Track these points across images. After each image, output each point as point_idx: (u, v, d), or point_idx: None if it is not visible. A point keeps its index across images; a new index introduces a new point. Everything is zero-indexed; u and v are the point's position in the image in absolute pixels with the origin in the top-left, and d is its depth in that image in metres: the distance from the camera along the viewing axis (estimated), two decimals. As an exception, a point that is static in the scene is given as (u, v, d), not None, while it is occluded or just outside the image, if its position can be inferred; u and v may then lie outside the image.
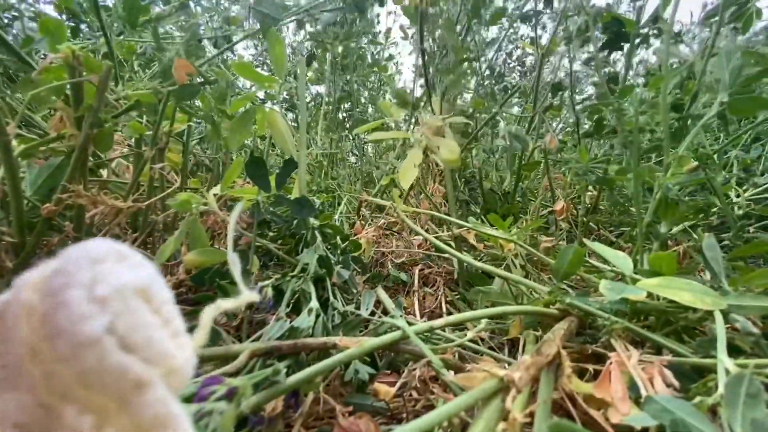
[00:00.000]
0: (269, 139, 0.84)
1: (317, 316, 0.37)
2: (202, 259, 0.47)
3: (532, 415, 0.27)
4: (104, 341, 0.11)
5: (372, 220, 0.85)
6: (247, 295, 0.16)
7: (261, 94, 1.05)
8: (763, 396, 0.19)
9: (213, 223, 0.58)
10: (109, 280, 0.12)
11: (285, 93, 1.34)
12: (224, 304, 0.15)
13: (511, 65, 1.81)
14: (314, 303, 0.38)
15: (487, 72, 1.10)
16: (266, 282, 0.41)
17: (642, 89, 0.49)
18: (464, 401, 0.25)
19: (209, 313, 0.15)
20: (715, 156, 0.69)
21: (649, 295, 0.41)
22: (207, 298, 0.49)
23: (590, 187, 0.80)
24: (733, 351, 0.34)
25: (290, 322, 0.37)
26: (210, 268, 0.48)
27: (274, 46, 0.50)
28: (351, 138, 1.35)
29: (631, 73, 0.74)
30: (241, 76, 0.56)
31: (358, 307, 0.43)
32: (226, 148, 0.73)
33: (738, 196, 0.69)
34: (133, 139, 0.63)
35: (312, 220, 0.53)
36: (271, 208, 0.53)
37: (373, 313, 0.44)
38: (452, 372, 0.37)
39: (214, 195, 0.51)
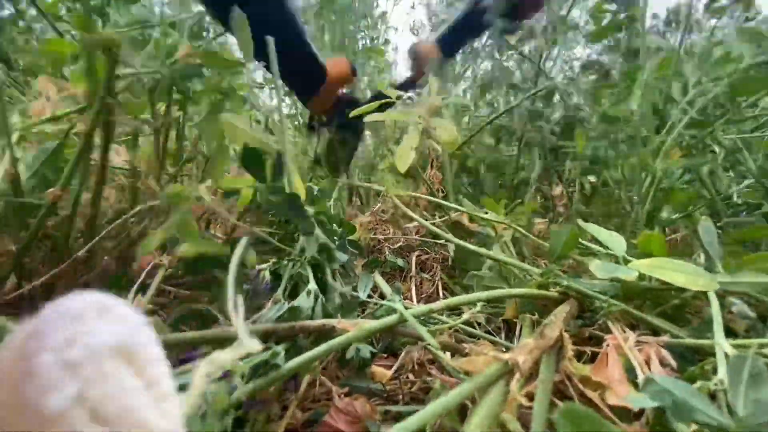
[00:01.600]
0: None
1: (316, 298, 0.36)
2: (197, 250, 0.46)
3: (528, 397, 0.27)
4: (71, 414, 0.10)
5: (370, 206, 0.84)
6: (248, 344, 0.14)
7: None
8: (767, 376, 0.19)
9: (204, 214, 0.57)
10: (85, 341, 0.11)
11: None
12: (220, 357, 0.13)
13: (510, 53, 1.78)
14: (312, 285, 0.37)
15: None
16: (263, 265, 0.40)
17: (649, 72, 0.48)
18: (469, 388, 0.24)
19: (202, 372, 0.13)
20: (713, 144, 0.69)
21: (643, 277, 0.41)
22: (207, 282, 0.48)
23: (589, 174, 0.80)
24: (728, 334, 0.34)
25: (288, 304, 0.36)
26: (204, 257, 0.47)
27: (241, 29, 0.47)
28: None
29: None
30: (206, 64, 0.52)
31: (355, 291, 0.43)
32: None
33: (741, 182, 0.69)
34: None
35: (308, 209, 0.52)
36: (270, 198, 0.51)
37: (370, 297, 0.44)
38: (449, 354, 0.37)
39: (207, 187, 0.49)
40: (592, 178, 0.76)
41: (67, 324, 0.12)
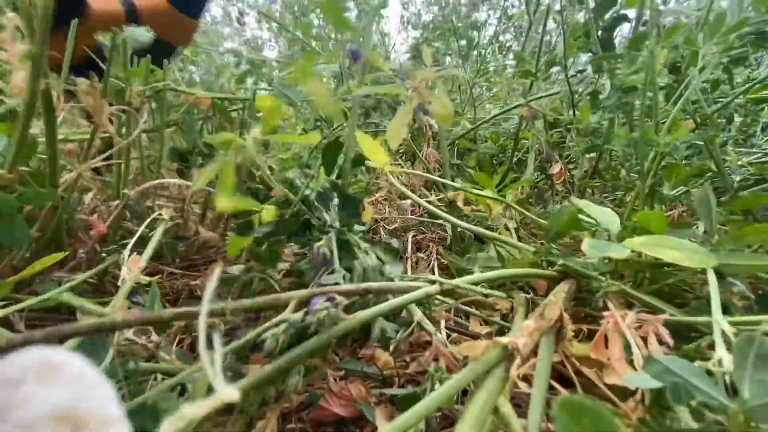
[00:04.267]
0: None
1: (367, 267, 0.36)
2: (233, 204, 0.45)
3: (524, 378, 0.27)
4: None
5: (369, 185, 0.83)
6: (225, 394, 0.12)
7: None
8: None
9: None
10: (19, 412, 0.10)
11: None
12: (190, 411, 0.12)
13: (506, 25, 1.74)
14: (371, 258, 0.37)
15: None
16: (320, 242, 0.39)
17: (654, 40, 0.46)
18: (469, 375, 0.24)
19: (170, 428, 0.12)
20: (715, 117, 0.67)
21: (640, 254, 0.40)
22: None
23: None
24: (726, 314, 0.33)
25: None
26: (250, 221, 0.45)
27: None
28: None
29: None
30: (325, 17, 0.48)
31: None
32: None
33: (749, 153, 0.68)
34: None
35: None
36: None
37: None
38: (444, 333, 0.36)
39: (254, 138, 0.46)
40: (589, 155, 0.75)
41: (4, 390, 0.10)
